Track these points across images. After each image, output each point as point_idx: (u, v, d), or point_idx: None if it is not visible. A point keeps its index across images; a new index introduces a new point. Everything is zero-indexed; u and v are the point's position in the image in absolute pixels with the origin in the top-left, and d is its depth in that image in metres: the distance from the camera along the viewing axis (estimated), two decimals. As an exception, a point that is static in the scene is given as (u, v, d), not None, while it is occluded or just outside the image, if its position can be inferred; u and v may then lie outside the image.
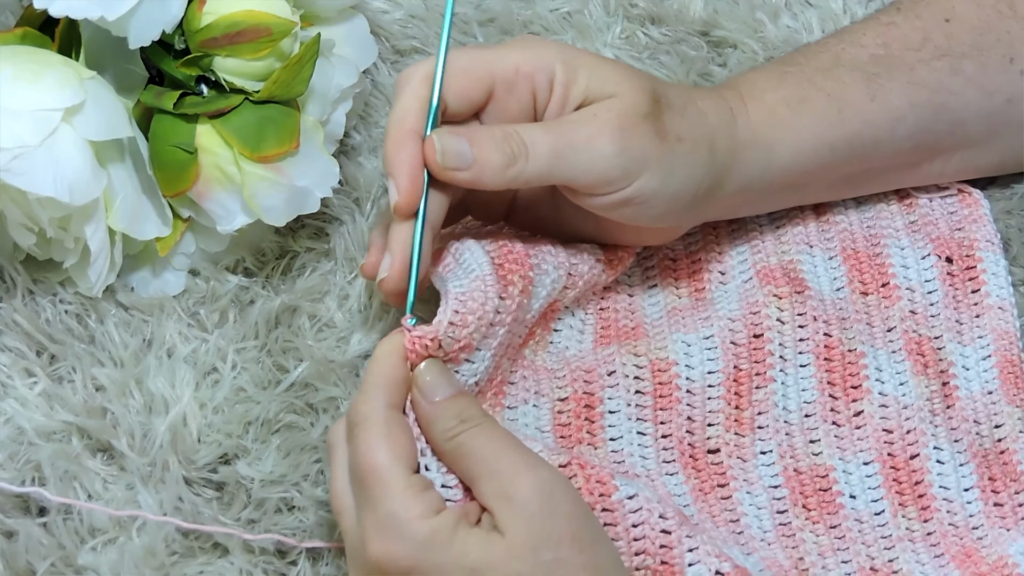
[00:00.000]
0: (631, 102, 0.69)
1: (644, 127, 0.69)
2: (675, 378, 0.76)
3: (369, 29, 0.82)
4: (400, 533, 0.62)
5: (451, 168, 0.68)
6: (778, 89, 0.75)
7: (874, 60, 0.76)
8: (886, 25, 0.77)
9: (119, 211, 0.75)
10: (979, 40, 0.77)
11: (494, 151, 0.68)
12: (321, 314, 0.79)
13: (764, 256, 0.80)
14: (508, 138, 0.68)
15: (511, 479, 0.63)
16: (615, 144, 0.69)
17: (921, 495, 0.74)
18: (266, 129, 0.75)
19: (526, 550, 0.62)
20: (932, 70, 0.76)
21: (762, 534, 0.73)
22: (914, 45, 0.77)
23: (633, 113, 0.69)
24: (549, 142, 0.68)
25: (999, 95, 0.77)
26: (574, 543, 0.63)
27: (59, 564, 0.73)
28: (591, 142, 0.69)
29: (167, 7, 0.73)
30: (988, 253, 0.80)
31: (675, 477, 0.74)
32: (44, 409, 0.76)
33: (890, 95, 0.76)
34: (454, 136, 0.68)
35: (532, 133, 0.69)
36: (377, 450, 0.64)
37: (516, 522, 0.62)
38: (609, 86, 0.70)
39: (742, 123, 0.74)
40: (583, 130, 0.69)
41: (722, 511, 0.73)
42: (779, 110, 0.75)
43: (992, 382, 0.77)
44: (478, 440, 0.65)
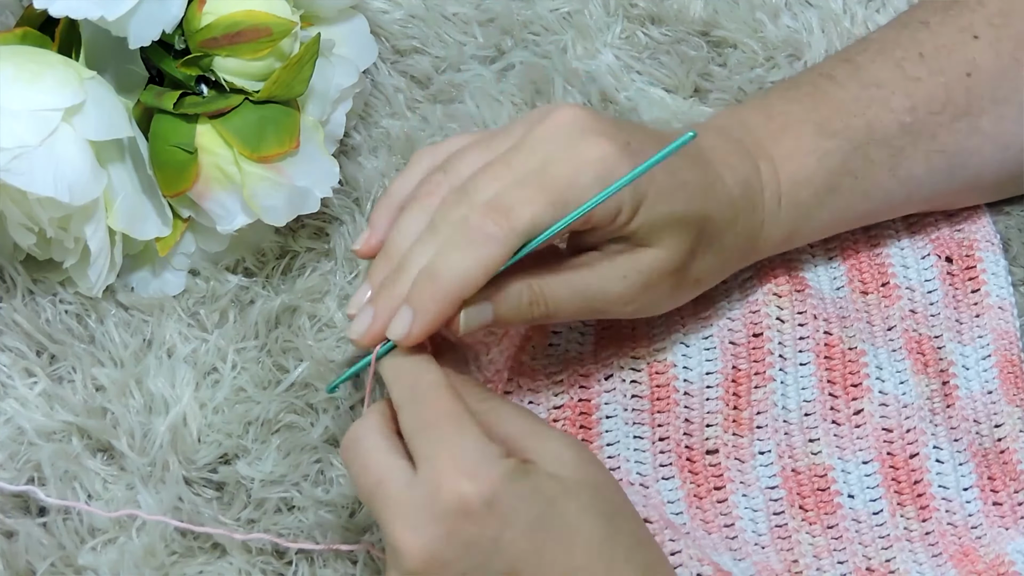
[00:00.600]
0: (666, 262, 0.70)
1: (667, 283, 0.71)
2: (673, 380, 0.76)
3: (369, 29, 0.82)
4: (486, 465, 0.62)
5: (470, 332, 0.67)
6: (814, 179, 0.75)
7: (901, 131, 0.76)
8: (913, 82, 0.76)
9: (119, 211, 0.75)
10: (996, 93, 0.76)
11: (515, 312, 0.68)
12: (321, 314, 0.79)
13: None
14: (533, 304, 0.68)
15: (553, 435, 0.65)
16: (633, 305, 0.71)
17: (920, 494, 0.74)
18: (266, 129, 0.75)
19: (589, 488, 0.63)
20: (952, 133, 0.76)
21: (756, 537, 0.73)
22: (937, 108, 0.76)
23: (662, 274, 0.70)
24: (572, 302, 0.69)
25: (1014, 146, 0.77)
26: (622, 493, 0.65)
27: (59, 564, 0.73)
28: (613, 302, 0.70)
29: (167, 7, 0.73)
30: (988, 253, 0.80)
31: (670, 482, 0.74)
32: (44, 409, 0.76)
33: (912, 168, 0.76)
34: (478, 305, 0.67)
35: (556, 295, 0.68)
36: (448, 398, 0.64)
37: (570, 468, 0.63)
38: (654, 237, 0.69)
39: (767, 230, 0.74)
40: (608, 291, 0.69)
41: (716, 515, 0.73)
42: (810, 206, 0.75)
43: (992, 382, 0.77)
44: (508, 406, 0.66)
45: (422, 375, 0.65)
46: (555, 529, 0.62)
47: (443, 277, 0.65)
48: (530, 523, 0.62)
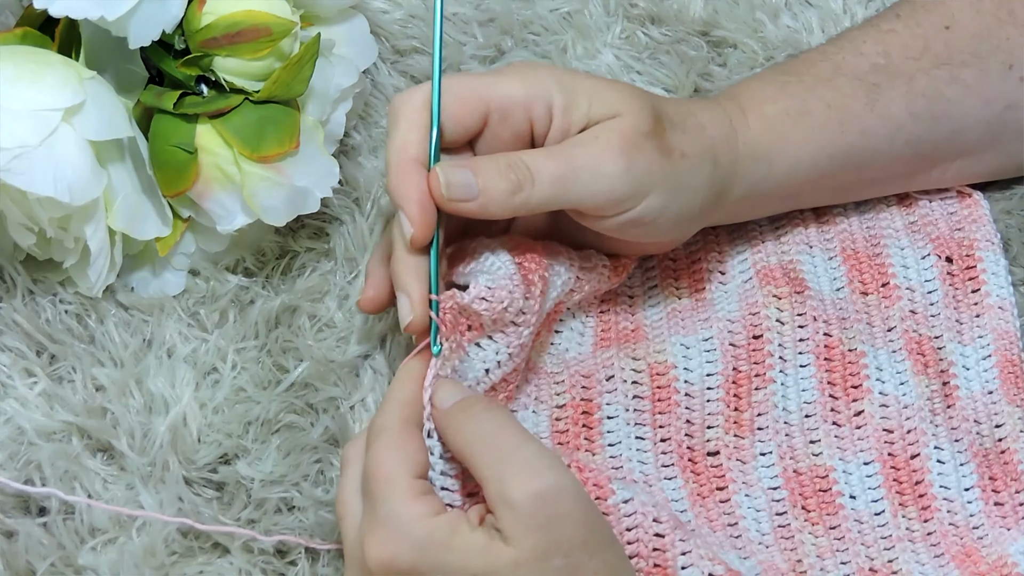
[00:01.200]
0: (633, 121, 0.69)
1: (648, 145, 0.69)
2: (673, 381, 0.76)
3: (369, 29, 0.82)
4: (399, 533, 0.62)
5: (457, 200, 0.67)
6: (778, 100, 0.75)
7: (874, 69, 0.76)
8: (886, 32, 0.77)
9: (119, 211, 0.75)
10: (978, 47, 0.77)
11: (499, 180, 0.67)
12: (321, 314, 0.79)
13: (764, 256, 0.80)
14: (512, 167, 0.68)
15: (515, 483, 0.62)
16: (620, 164, 0.69)
17: (921, 495, 0.74)
18: (266, 129, 0.75)
19: (534, 558, 0.61)
20: (932, 79, 0.76)
21: (760, 537, 0.73)
22: (914, 54, 0.76)
23: (636, 132, 0.69)
24: (553, 167, 0.68)
25: (998, 102, 0.77)
26: (585, 548, 0.62)
27: (59, 564, 0.73)
28: (596, 164, 0.68)
29: (167, 7, 0.73)
30: (988, 253, 0.80)
31: (673, 481, 0.74)
32: (44, 409, 0.76)
33: (889, 105, 0.76)
34: (458, 168, 0.67)
35: (536, 160, 0.68)
36: (386, 457, 0.64)
37: (520, 529, 0.61)
38: (610, 107, 0.69)
39: (742, 135, 0.74)
40: (587, 153, 0.69)
41: (720, 515, 0.73)
42: (779, 122, 0.75)
43: (992, 382, 0.77)
44: (483, 433, 0.64)
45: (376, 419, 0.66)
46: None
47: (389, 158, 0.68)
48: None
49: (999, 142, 0.79)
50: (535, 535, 0.61)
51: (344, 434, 0.76)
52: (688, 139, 0.71)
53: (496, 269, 0.70)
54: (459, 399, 0.66)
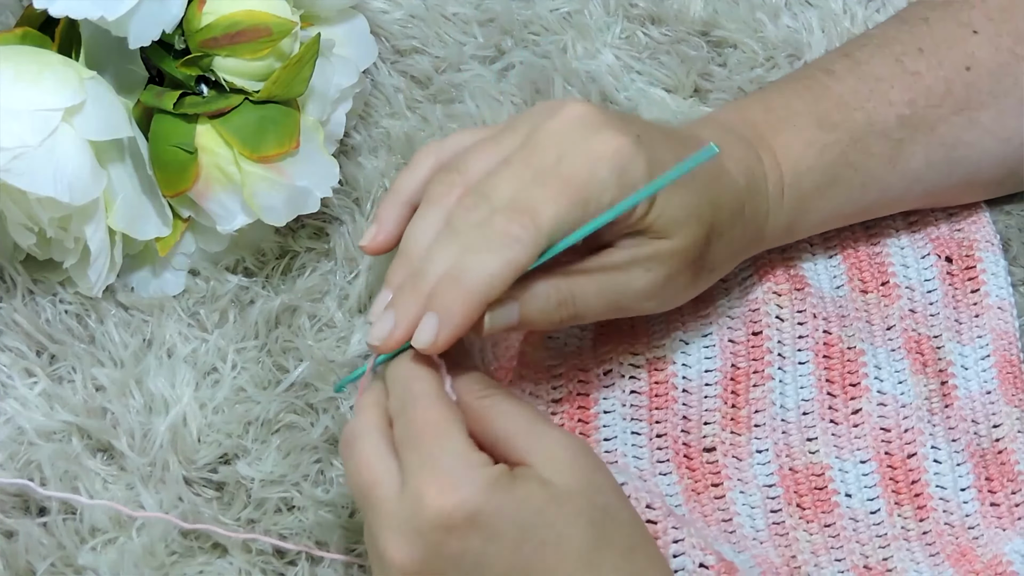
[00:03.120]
0: (684, 252, 0.70)
1: (687, 273, 0.71)
2: (671, 377, 0.76)
3: (369, 29, 0.82)
4: (467, 478, 0.61)
5: (497, 332, 0.67)
6: (814, 170, 0.75)
7: (900, 123, 0.76)
8: (912, 75, 0.77)
9: (119, 211, 0.75)
10: (996, 87, 0.76)
11: (545, 316, 0.68)
12: (321, 314, 0.79)
13: (764, 254, 0.80)
14: (562, 305, 0.68)
15: (550, 433, 0.63)
16: (658, 298, 0.71)
17: (918, 494, 0.74)
18: (266, 129, 0.75)
19: (580, 494, 0.62)
20: (951, 126, 0.76)
21: (754, 533, 0.73)
22: (936, 101, 0.76)
23: (682, 264, 0.70)
24: (599, 304, 0.69)
25: (1014, 140, 0.77)
26: (618, 494, 0.64)
27: (59, 564, 0.73)
28: (638, 298, 0.70)
29: (167, 7, 0.73)
30: (988, 253, 0.80)
31: (668, 477, 0.74)
32: (44, 409, 0.76)
33: (910, 160, 0.76)
34: (505, 306, 0.66)
35: (584, 293, 0.68)
36: (437, 413, 0.63)
37: (564, 471, 0.62)
38: (671, 228, 0.69)
39: (773, 220, 0.75)
40: (633, 285, 0.69)
41: (715, 510, 0.73)
42: (811, 197, 0.75)
43: (991, 382, 0.77)
44: (509, 401, 0.65)
45: (412, 383, 0.65)
46: (541, 541, 0.61)
47: (469, 280, 0.64)
48: (514, 536, 0.61)
49: (1013, 176, 0.79)
50: (577, 474, 0.62)
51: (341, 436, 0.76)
52: (725, 248, 0.73)
53: None
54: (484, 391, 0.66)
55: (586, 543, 0.62)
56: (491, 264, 0.64)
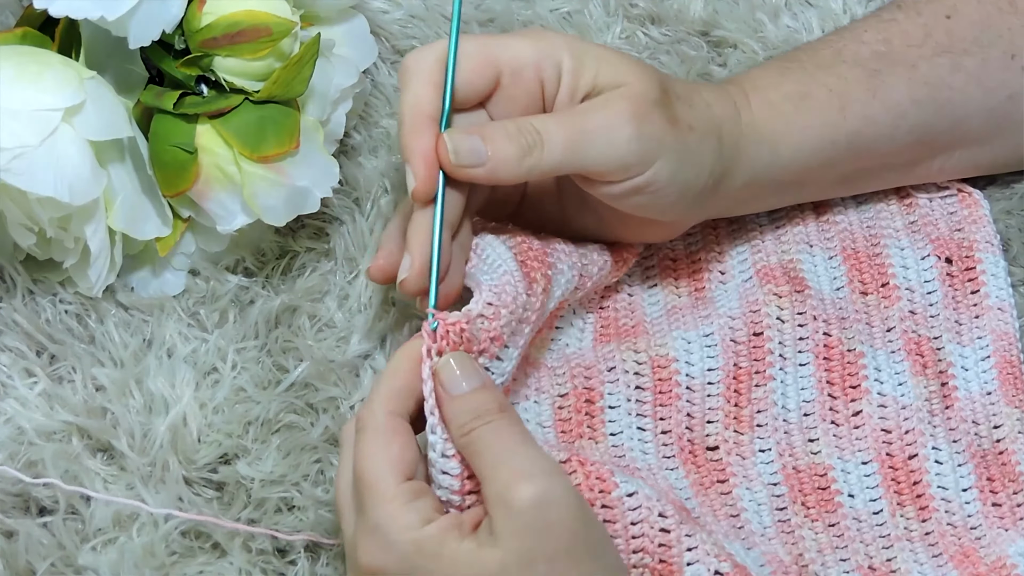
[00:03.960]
0: (642, 89, 0.70)
1: (657, 113, 0.70)
2: (675, 375, 0.76)
3: (369, 29, 0.82)
4: (387, 543, 0.62)
5: (465, 166, 0.68)
6: (781, 85, 0.75)
7: (876, 56, 0.76)
8: (887, 22, 0.78)
9: (119, 211, 0.75)
10: (980, 36, 0.77)
11: (508, 145, 0.68)
12: (321, 314, 0.79)
13: (764, 255, 0.80)
14: (522, 131, 0.68)
15: (510, 485, 0.62)
16: (630, 129, 0.69)
17: (919, 495, 0.74)
18: (266, 129, 0.75)
19: (519, 563, 0.61)
20: (933, 67, 0.76)
21: (762, 529, 0.73)
22: (915, 41, 0.77)
23: (645, 100, 0.69)
24: (564, 131, 0.68)
25: (1000, 91, 0.77)
26: (570, 556, 0.62)
27: (59, 564, 0.73)
28: (607, 129, 0.69)
29: (167, 7, 0.73)
30: (988, 254, 0.80)
31: (675, 472, 0.74)
32: (44, 409, 0.76)
33: (892, 91, 0.76)
34: (466, 135, 0.68)
35: (546, 124, 0.68)
36: (372, 457, 0.64)
37: (511, 531, 0.61)
38: (619, 75, 0.70)
39: (746, 118, 0.74)
40: (597, 117, 0.69)
41: (723, 506, 0.73)
42: (782, 106, 0.75)
43: (991, 383, 0.77)
44: (488, 438, 0.64)
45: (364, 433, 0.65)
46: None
47: (402, 115, 0.68)
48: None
49: (1001, 132, 0.79)
50: (524, 539, 0.61)
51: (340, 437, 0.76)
52: (695, 113, 0.72)
53: (498, 267, 0.70)
54: (471, 389, 0.65)
55: None
56: (407, 92, 0.69)
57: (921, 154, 0.79)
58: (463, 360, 0.66)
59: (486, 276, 0.69)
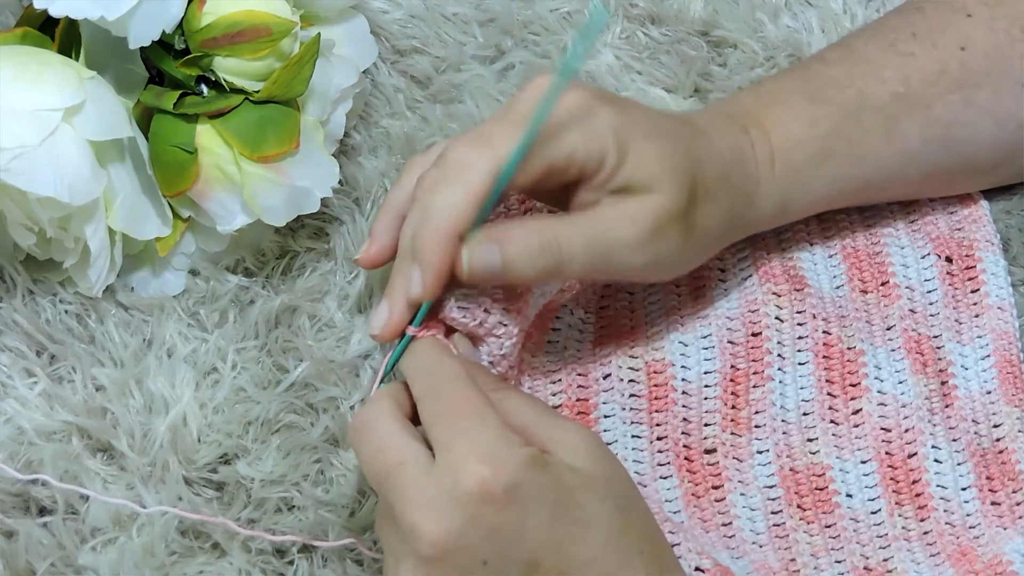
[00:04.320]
0: (669, 204, 0.69)
1: (676, 229, 0.70)
2: (671, 379, 0.76)
3: (369, 29, 0.82)
4: (508, 454, 0.62)
5: (478, 277, 0.67)
6: (806, 143, 0.75)
7: (894, 100, 0.76)
8: (905, 56, 0.77)
9: (119, 211, 0.75)
10: (992, 67, 0.77)
11: (530, 265, 0.67)
12: (321, 314, 0.79)
13: (764, 254, 0.80)
14: (546, 250, 0.67)
15: (566, 424, 0.65)
16: (648, 252, 0.70)
17: (918, 494, 0.74)
18: (266, 129, 0.75)
19: (603, 480, 0.64)
20: (947, 105, 0.76)
21: (754, 536, 0.73)
22: (931, 79, 0.76)
23: (669, 216, 0.70)
24: (585, 252, 0.68)
25: (1011, 122, 0.77)
26: (633, 485, 0.66)
27: (59, 564, 0.73)
28: (626, 250, 0.69)
29: (167, 7, 0.73)
30: (988, 253, 0.80)
31: (668, 480, 0.74)
32: (44, 409, 0.76)
33: (907, 136, 0.76)
34: (484, 245, 0.66)
35: (572, 243, 0.68)
36: (469, 388, 0.64)
37: (585, 459, 0.64)
38: (651, 181, 0.69)
39: (765, 188, 0.74)
40: (620, 237, 0.69)
41: (714, 514, 0.73)
42: (804, 170, 0.75)
43: (991, 382, 0.77)
44: (521, 395, 0.67)
45: (442, 368, 0.66)
46: (574, 519, 0.62)
47: (431, 214, 0.66)
48: (550, 512, 0.62)
49: (1010, 159, 0.79)
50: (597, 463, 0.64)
51: (344, 434, 0.76)
52: (714, 209, 0.72)
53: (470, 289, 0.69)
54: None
55: (614, 526, 0.63)
56: (449, 194, 0.66)
57: (928, 186, 0.80)
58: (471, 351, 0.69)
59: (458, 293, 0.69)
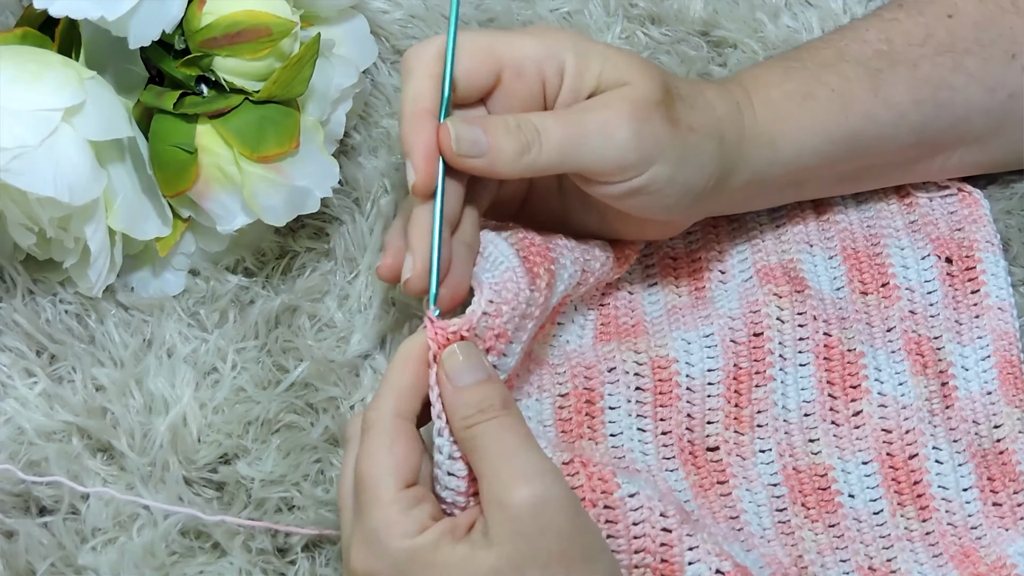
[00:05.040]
0: (644, 90, 0.69)
1: (657, 115, 0.69)
2: (675, 375, 0.76)
3: (369, 29, 0.82)
4: (381, 550, 0.62)
5: (465, 155, 0.67)
6: (782, 84, 0.75)
7: (877, 55, 0.76)
8: (889, 21, 0.78)
9: (119, 211, 0.75)
10: (981, 36, 0.77)
11: (507, 139, 0.68)
12: (321, 314, 0.79)
13: (764, 255, 0.80)
14: (521, 126, 0.68)
15: (508, 486, 0.62)
16: (629, 130, 0.69)
17: (920, 495, 0.74)
18: (266, 129, 0.75)
19: (511, 566, 0.61)
20: (935, 66, 0.76)
21: (761, 531, 0.73)
22: (917, 41, 0.77)
23: (646, 101, 0.69)
24: (562, 130, 0.68)
25: (1001, 91, 0.77)
26: (562, 561, 0.62)
27: (59, 564, 0.73)
28: (605, 129, 0.69)
29: (167, 7, 0.73)
30: (988, 254, 0.80)
31: (675, 473, 0.74)
32: (44, 409, 0.76)
33: (893, 91, 0.76)
34: (468, 124, 0.68)
35: (545, 121, 0.68)
36: (373, 459, 0.64)
37: (506, 533, 0.62)
38: (622, 75, 0.70)
39: (748, 117, 0.74)
40: (597, 117, 0.69)
41: (722, 507, 0.73)
42: (784, 105, 0.75)
43: (991, 382, 0.77)
44: (489, 436, 0.64)
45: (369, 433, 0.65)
46: None
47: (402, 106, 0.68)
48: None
49: (1002, 131, 0.79)
50: (517, 542, 0.61)
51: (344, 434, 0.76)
52: (696, 114, 0.71)
53: (500, 263, 0.69)
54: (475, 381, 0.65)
55: None
56: (408, 82, 0.68)
57: (921, 153, 0.79)
58: (469, 351, 0.66)
59: (488, 274, 0.69)
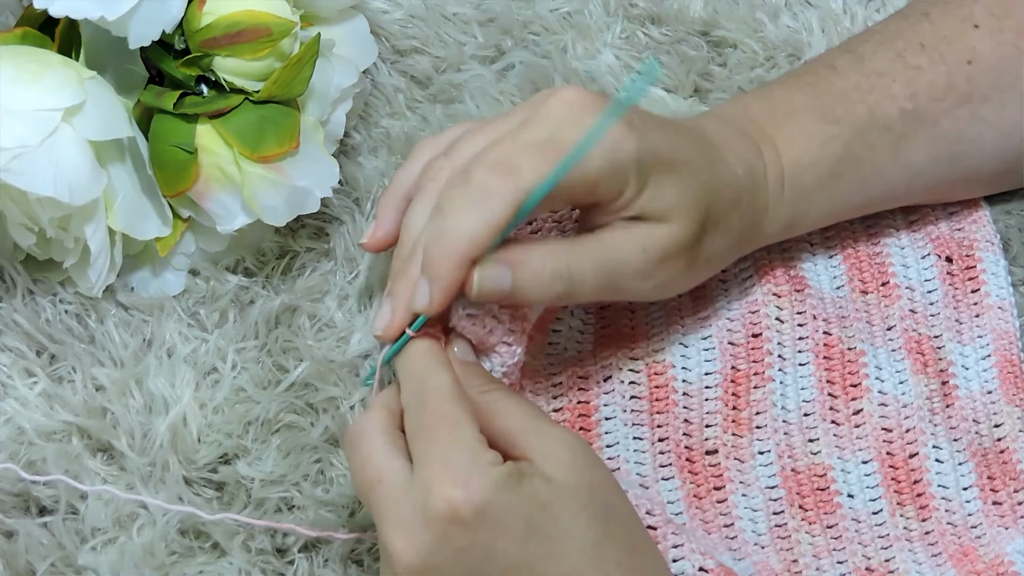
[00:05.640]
0: (680, 235, 0.70)
1: (682, 259, 0.71)
2: (671, 381, 0.76)
3: (369, 29, 0.82)
4: (478, 473, 0.62)
5: (487, 297, 0.67)
6: (818, 163, 0.75)
7: (902, 117, 0.76)
8: (914, 70, 0.77)
9: (119, 211, 0.75)
10: (998, 81, 0.76)
11: (537, 288, 0.67)
12: (321, 314, 0.79)
13: (764, 255, 0.80)
14: (558, 277, 0.67)
15: (549, 432, 0.64)
16: (653, 280, 0.70)
17: (920, 494, 0.74)
18: (266, 129, 0.75)
19: (582, 491, 0.63)
20: (954, 120, 0.76)
21: (756, 537, 0.73)
22: (939, 95, 0.76)
23: (677, 247, 0.70)
24: (595, 281, 0.68)
25: (1015, 134, 0.77)
26: (618, 492, 0.65)
27: (59, 564, 0.73)
28: (634, 280, 0.70)
29: (167, 7, 0.73)
30: (988, 253, 0.80)
31: (670, 482, 0.74)
32: (44, 409, 0.76)
33: (912, 154, 0.76)
34: (496, 268, 0.66)
35: (581, 267, 0.68)
36: (448, 403, 0.64)
37: (565, 468, 0.63)
38: (665, 212, 0.69)
39: (772, 213, 0.75)
40: (630, 263, 0.69)
41: (716, 516, 0.73)
42: (813, 192, 0.75)
43: (992, 382, 0.77)
44: (507, 398, 0.66)
45: (429, 377, 0.65)
46: (547, 536, 0.62)
47: (449, 236, 0.65)
48: (521, 531, 0.62)
49: (1014, 169, 0.79)
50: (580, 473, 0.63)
51: (344, 434, 0.76)
52: (720, 240, 0.72)
53: None
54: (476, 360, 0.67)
55: (590, 539, 0.62)
56: (469, 218, 0.65)
57: (930, 198, 0.81)
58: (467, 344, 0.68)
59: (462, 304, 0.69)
